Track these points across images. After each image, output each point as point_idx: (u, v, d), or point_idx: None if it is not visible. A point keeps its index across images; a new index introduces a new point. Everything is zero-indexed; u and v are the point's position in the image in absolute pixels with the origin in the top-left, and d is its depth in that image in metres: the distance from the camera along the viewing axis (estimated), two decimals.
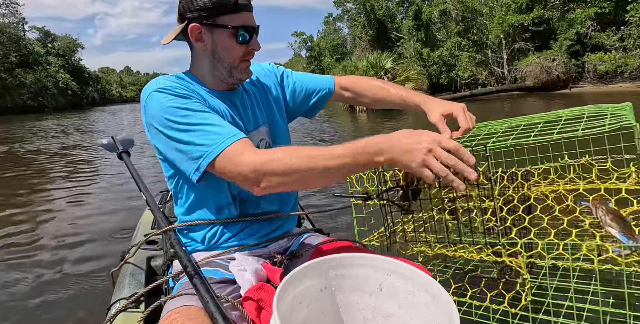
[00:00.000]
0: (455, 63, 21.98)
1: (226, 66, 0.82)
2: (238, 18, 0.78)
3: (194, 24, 0.78)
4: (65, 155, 6.76)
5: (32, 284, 1.99)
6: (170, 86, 0.77)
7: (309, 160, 0.65)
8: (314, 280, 0.60)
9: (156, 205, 1.06)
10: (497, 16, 19.83)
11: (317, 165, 0.64)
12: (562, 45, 17.86)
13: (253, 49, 0.83)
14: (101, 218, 3.08)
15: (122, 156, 1.53)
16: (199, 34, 0.79)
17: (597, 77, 17.11)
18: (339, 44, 37.57)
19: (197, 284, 0.68)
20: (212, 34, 0.79)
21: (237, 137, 0.72)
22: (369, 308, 0.62)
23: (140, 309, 0.86)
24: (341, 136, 7.81)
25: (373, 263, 0.61)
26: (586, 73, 17.46)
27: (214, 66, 0.83)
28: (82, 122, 16.87)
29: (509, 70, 20.00)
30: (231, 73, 0.83)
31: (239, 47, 0.80)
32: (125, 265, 1.09)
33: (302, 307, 0.58)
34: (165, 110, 0.74)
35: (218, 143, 0.71)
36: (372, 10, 28.49)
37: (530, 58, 18.42)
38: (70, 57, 45.63)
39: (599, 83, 17.00)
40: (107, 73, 77.60)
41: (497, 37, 19.87)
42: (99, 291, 1.85)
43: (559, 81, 17.27)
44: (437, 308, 0.53)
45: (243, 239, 0.88)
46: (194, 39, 0.80)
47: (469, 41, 21.75)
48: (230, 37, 0.79)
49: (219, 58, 0.81)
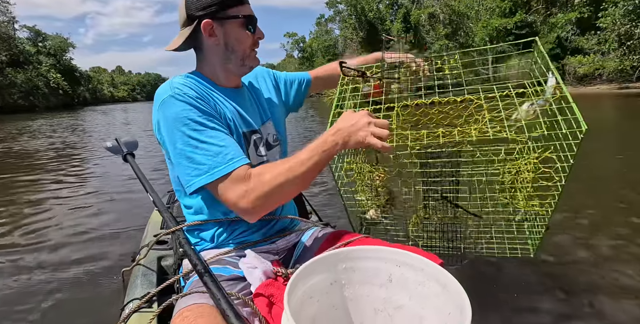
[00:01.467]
0: None
1: (239, 56, 0.85)
2: (244, 9, 0.82)
3: (206, 20, 0.80)
4: (66, 156, 6.61)
5: (43, 286, 1.95)
6: (186, 92, 0.78)
7: (290, 171, 0.74)
8: (324, 274, 0.60)
9: (164, 206, 1.06)
10: (482, 20, 20.20)
11: (296, 172, 0.74)
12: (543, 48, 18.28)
13: (259, 38, 0.87)
14: (109, 218, 3.04)
15: (127, 158, 1.51)
16: (211, 29, 0.81)
17: (576, 79, 17.61)
18: (331, 45, 37.56)
19: (207, 282, 0.69)
20: (224, 27, 0.82)
21: (238, 163, 0.74)
22: (379, 300, 0.62)
23: (153, 309, 0.86)
24: None
25: (382, 255, 0.61)
26: (566, 75, 17.95)
27: (226, 58, 0.85)
28: (76, 122, 16.64)
29: (493, 72, 20.39)
30: (244, 62, 0.87)
31: (248, 36, 0.84)
32: (137, 265, 1.09)
33: (313, 301, 0.59)
34: (178, 119, 0.75)
35: (218, 166, 0.73)
36: (362, 12, 28.64)
37: (513, 61, 18.83)
38: (62, 57, 44.78)
39: (578, 85, 17.49)
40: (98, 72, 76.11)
41: (482, 40, 20.25)
42: (110, 291, 1.84)
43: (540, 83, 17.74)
44: (447, 297, 0.52)
45: (251, 235, 0.89)
46: (207, 34, 0.82)
47: (455, 43, 22.07)
48: (240, 26, 0.83)
49: (232, 49, 0.84)
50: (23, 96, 33.53)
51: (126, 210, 3.26)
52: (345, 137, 0.74)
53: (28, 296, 1.88)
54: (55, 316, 1.68)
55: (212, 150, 0.74)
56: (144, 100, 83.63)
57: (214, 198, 0.85)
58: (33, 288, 1.96)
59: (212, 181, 0.74)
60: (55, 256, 2.36)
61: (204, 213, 0.88)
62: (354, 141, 0.74)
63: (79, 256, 2.33)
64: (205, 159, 0.74)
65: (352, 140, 0.74)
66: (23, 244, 2.57)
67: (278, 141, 0.99)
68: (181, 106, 0.76)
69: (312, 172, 0.75)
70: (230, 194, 0.73)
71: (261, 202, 0.73)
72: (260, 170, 0.75)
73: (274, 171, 0.74)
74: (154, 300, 0.90)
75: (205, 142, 0.75)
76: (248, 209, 0.73)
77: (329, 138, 0.75)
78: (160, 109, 0.78)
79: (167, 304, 0.76)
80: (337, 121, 0.78)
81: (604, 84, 16.50)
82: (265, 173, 0.74)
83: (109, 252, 2.36)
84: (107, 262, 2.21)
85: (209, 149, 0.74)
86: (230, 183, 0.73)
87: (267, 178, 0.73)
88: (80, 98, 47.49)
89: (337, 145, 0.74)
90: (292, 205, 1.03)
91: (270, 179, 0.73)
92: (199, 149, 0.74)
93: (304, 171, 0.74)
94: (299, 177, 0.74)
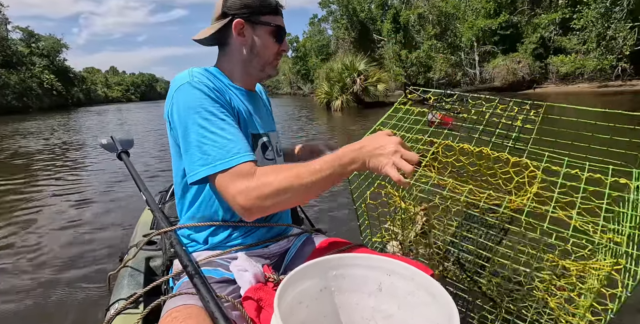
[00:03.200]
0: (431, 65, 22.55)
1: (261, 61, 0.86)
2: (277, 19, 0.85)
3: (239, 20, 0.82)
4: (59, 155, 6.51)
5: (28, 287, 1.90)
6: (203, 81, 0.78)
7: (297, 178, 0.68)
8: (314, 280, 0.59)
9: (156, 205, 1.04)
10: (468, 20, 20.46)
11: (304, 181, 0.68)
12: (527, 48, 18.62)
13: (283, 50, 0.88)
14: (99, 218, 2.99)
15: (121, 156, 1.48)
16: (242, 29, 0.83)
17: (559, 78, 17.98)
18: (324, 44, 37.44)
19: (197, 284, 0.68)
20: (254, 30, 0.84)
21: (243, 158, 0.72)
22: (368, 308, 0.60)
23: (139, 310, 0.83)
24: (319, 131, 8.02)
25: (372, 263, 0.60)
26: (550, 74, 18.32)
27: (248, 61, 0.86)
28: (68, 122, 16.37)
29: (480, 71, 20.71)
30: (264, 68, 0.88)
31: (274, 45, 0.85)
32: (124, 266, 1.06)
33: (302, 307, 0.58)
34: (192, 107, 0.74)
35: (223, 159, 0.71)
36: (354, 12, 28.68)
37: (497, 61, 19.19)
38: (55, 58, 44.04)
39: (561, 83, 17.86)
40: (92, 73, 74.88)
41: (469, 40, 20.51)
42: (97, 292, 1.79)
43: (524, 82, 18.01)
44: (437, 308, 0.51)
45: (243, 239, 0.88)
46: (236, 33, 0.83)
47: (444, 43, 22.30)
48: (269, 34, 0.84)
49: (256, 53, 0.85)
50: (17, 97, 32.99)
51: (115, 210, 3.19)
52: (366, 157, 0.68)
53: (9, 296, 1.82)
54: (37, 318, 1.63)
55: (220, 141, 0.73)
56: (138, 101, 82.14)
57: (211, 198, 0.84)
58: (16, 288, 1.90)
59: (215, 173, 0.71)
60: (40, 257, 2.29)
61: (199, 212, 0.87)
62: (373, 165, 0.68)
63: (64, 257, 2.26)
64: (211, 150, 0.72)
65: (372, 163, 0.68)
66: (6, 245, 2.50)
67: (281, 154, 0.98)
68: (197, 94, 0.75)
69: (320, 184, 0.69)
70: (231, 188, 0.70)
71: (259, 202, 0.69)
72: (266, 170, 0.71)
73: (280, 174, 0.69)
74: (141, 301, 0.87)
75: (214, 132, 0.73)
76: (245, 206, 0.69)
77: (349, 153, 0.69)
78: (175, 95, 0.77)
79: (155, 305, 0.74)
80: (365, 138, 0.72)
81: (585, 83, 16.89)
82: (270, 174, 0.70)
83: (96, 252, 2.29)
84: (94, 262, 2.15)
85: (217, 140, 0.73)
86: (232, 177, 0.70)
87: (270, 180, 0.69)
88: (74, 99, 46.55)
89: (354, 163, 0.69)
90: (287, 210, 1.02)
91: (274, 181, 0.68)
92: (208, 139, 0.73)
93: (312, 182, 0.68)
94: (304, 186, 0.68)
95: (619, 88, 14.40)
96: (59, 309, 1.69)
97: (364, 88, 13.78)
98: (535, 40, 18.29)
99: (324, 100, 14.65)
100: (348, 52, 24.87)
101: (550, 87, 18.10)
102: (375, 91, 13.86)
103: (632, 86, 12.56)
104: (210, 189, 0.83)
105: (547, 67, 18.17)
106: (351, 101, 13.79)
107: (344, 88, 14.04)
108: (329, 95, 14.42)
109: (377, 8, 26.92)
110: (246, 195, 0.69)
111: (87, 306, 1.69)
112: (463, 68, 21.78)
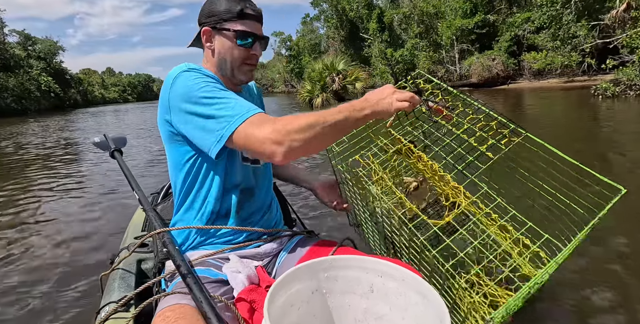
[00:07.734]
0: (415, 62, 23.69)
1: (229, 66, 0.89)
2: (242, 24, 0.86)
3: (206, 28, 0.87)
4: (53, 155, 6.49)
5: (13, 290, 1.85)
6: (198, 68, 0.83)
7: (320, 117, 0.72)
8: (305, 283, 0.59)
9: (149, 204, 1.02)
10: (447, 20, 21.61)
11: (327, 119, 0.71)
12: (501, 46, 19.70)
13: (254, 54, 0.89)
14: (90, 218, 2.95)
15: (114, 154, 1.46)
16: (209, 36, 0.88)
17: (532, 74, 19.07)
18: (317, 43, 37.42)
19: (190, 284, 0.67)
20: (220, 37, 0.87)
21: (258, 110, 0.75)
22: (360, 309, 0.60)
23: (130, 313, 0.80)
24: None
25: (364, 265, 0.59)
26: (524, 70, 19.44)
27: (218, 66, 0.90)
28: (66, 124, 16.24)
29: (460, 68, 21.87)
30: (233, 73, 0.89)
31: (238, 49, 0.87)
32: (115, 268, 1.03)
33: (294, 310, 0.57)
34: (193, 86, 0.77)
35: (241, 113, 0.73)
36: (343, 11, 29.57)
37: (472, 59, 20.37)
38: (52, 60, 43.83)
39: (534, 79, 18.98)
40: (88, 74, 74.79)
41: (449, 39, 21.63)
42: (87, 295, 1.75)
43: (499, 78, 18.81)
44: (427, 308, 0.51)
45: (234, 236, 0.88)
46: (204, 40, 0.88)
47: (427, 42, 23.41)
48: (231, 39, 0.86)
49: (222, 58, 0.88)
50: (15, 100, 32.94)
51: (107, 211, 3.13)
52: (374, 104, 0.76)
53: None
54: (26, 323, 1.57)
55: (232, 103, 0.75)
56: (135, 101, 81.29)
57: (207, 196, 0.85)
58: (4, 291, 1.85)
59: (237, 128, 0.72)
60: (30, 259, 2.23)
61: (193, 208, 0.87)
62: (381, 108, 0.76)
63: (55, 260, 2.20)
64: (226, 112, 0.74)
65: (380, 107, 0.76)
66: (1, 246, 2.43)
67: None
68: (195, 75, 0.79)
69: (341, 124, 0.73)
70: (258, 133, 0.70)
71: (292, 136, 0.69)
72: (285, 116, 0.73)
73: (302, 116, 0.72)
74: (132, 304, 0.86)
75: (222, 97, 0.76)
76: (278, 140, 0.69)
77: (358, 104, 0.76)
78: (173, 84, 0.79)
79: (146, 305, 0.72)
80: (367, 93, 0.80)
81: (555, 78, 17.98)
82: (291, 117, 0.72)
83: (87, 255, 2.24)
84: (84, 265, 2.10)
85: (228, 103, 0.75)
86: (256, 125, 0.72)
87: (294, 119, 0.71)
88: (71, 100, 46.20)
89: (365, 110, 0.75)
90: (277, 211, 1.02)
91: (299, 118, 0.71)
92: (219, 105, 0.75)
93: (335, 120, 0.72)
94: (328, 124, 0.71)
95: (584, 83, 15.50)
96: (49, 313, 1.64)
97: (342, 86, 14.73)
98: (508, 39, 19.28)
99: (306, 98, 15.29)
100: (339, 50, 25.87)
101: (523, 82, 18.87)
102: (353, 89, 15.07)
103: (594, 81, 13.58)
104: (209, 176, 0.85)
105: (521, 64, 19.19)
106: (331, 98, 14.93)
107: (324, 87, 15.19)
108: (310, 94, 15.10)
109: (364, 8, 27.87)
110: (277, 133, 0.70)
111: (78, 309, 1.65)
112: (445, 65, 22.93)
